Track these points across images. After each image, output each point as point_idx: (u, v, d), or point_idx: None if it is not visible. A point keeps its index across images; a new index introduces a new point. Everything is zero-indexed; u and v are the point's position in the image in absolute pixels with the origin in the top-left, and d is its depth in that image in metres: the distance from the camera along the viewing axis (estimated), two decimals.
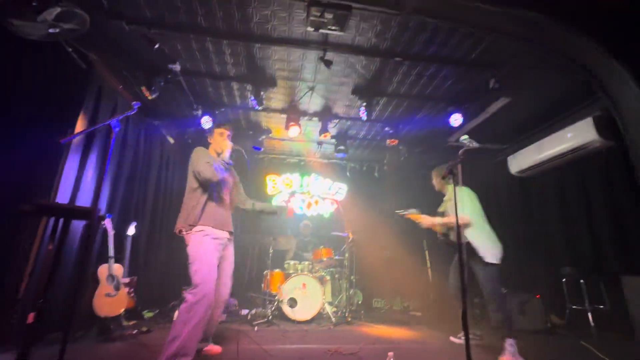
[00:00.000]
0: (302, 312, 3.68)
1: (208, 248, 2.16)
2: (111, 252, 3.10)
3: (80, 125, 2.82)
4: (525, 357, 2.40)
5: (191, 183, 2.37)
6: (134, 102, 1.82)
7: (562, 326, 3.58)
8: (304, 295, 3.77)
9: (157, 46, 2.90)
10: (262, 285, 4.32)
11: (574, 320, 3.53)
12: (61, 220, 1.84)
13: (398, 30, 2.84)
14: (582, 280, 3.47)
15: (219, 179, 2.31)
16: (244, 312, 4.17)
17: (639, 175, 2.20)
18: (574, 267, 3.64)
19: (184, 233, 2.27)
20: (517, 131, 4.66)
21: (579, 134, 3.70)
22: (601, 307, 3.33)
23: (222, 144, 2.51)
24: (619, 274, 3.22)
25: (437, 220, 2.90)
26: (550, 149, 4.06)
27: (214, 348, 2.40)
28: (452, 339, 2.97)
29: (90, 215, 1.71)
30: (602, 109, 3.56)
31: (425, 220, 2.93)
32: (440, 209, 3.04)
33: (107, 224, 3.14)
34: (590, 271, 3.52)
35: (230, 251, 2.45)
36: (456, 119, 3.84)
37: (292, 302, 3.74)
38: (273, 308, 3.79)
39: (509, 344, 2.42)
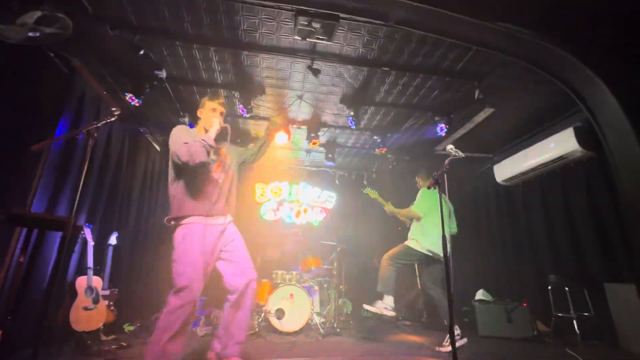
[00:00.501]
0: (289, 324, 3.60)
1: (193, 243, 1.89)
2: (90, 263, 2.98)
3: (59, 132, 2.73)
4: None
5: (171, 168, 2.08)
6: (114, 109, 1.77)
7: (549, 333, 3.60)
8: (292, 305, 3.69)
9: (142, 52, 2.86)
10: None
11: (560, 327, 3.56)
12: (35, 231, 1.77)
13: (385, 40, 2.88)
14: (566, 288, 3.51)
15: (202, 161, 1.93)
16: None
17: (619, 184, 2.26)
18: (559, 274, 3.69)
19: (172, 224, 2.05)
20: (503, 140, 4.76)
21: (560, 144, 3.80)
22: (586, 314, 3.37)
23: (211, 120, 2.12)
24: (602, 281, 3.27)
25: (397, 210, 3.51)
26: (534, 158, 4.15)
27: None
28: (438, 349, 2.94)
29: (65, 225, 1.64)
30: (583, 121, 3.68)
31: (388, 207, 3.57)
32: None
33: (87, 234, 3.03)
34: (575, 278, 3.57)
35: (231, 234, 2.11)
36: (442, 129, 3.91)
37: (280, 313, 3.65)
38: (260, 319, 3.70)
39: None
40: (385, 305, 3.14)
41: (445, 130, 3.89)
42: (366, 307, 3.25)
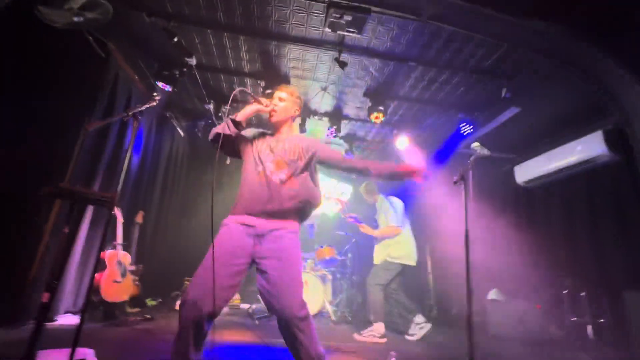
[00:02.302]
0: None
1: (219, 244, 1.55)
2: (120, 239, 3.16)
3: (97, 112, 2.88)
4: None
5: None
6: (155, 94, 1.86)
7: (561, 337, 3.58)
8: (305, 292, 3.79)
9: (176, 39, 2.95)
10: None
11: (573, 332, 3.53)
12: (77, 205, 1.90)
13: (414, 35, 2.87)
14: (583, 293, 3.47)
15: (215, 135, 1.69)
16: (244, 306, 4.21)
17: None
18: (576, 279, 3.64)
19: None
20: (526, 142, 4.67)
21: (588, 147, 3.70)
22: (601, 320, 3.33)
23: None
24: (622, 289, 3.22)
25: (373, 231, 3.72)
26: (558, 161, 4.06)
27: None
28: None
29: (110, 202, 1.76)
30: (613, 124, 3.57)
31: (364, 228, 3.76)
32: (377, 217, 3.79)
33: (117, 211, 3.20)
34: (593, 284, 3.52)
35: (274, 244, 1.56)
36: (466, 129, 3.88)
37: None
38: None
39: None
40: (375, 334, 3.14)
41: (471, 131, 3.86)
42: (356, 337, 3.14)
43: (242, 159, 1.83)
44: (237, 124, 1.72)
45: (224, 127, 1.70)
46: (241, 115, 1.77)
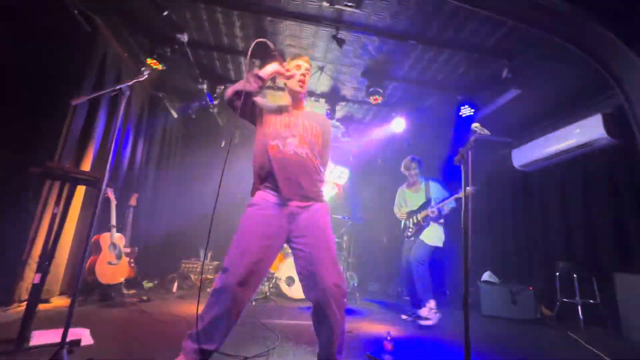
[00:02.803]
0: (299, 290, 3.75)
1: (250, 225, 1.51)
2: (113, 221, 3.11)
3: (84, 89, 2.77)
4: (514, 344, 2.48)
5: None
6: (143, 69, 1.78)
7: (552, 317, 3.67)
8: None
9: (165, 13, 2.81)
10: None
11: (563, 312, 3.62)
12: (67, 185, 1.85)
13: (415, 11, 2.76)
14: (575, 275, 3.54)
15: (235, 93, 1.56)
16: None
17: None
18: (568, 261, 3.70)
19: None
20: (524, 125, 4.63)
21: (586, 131, 3.68)
22: (591, 301, 3.40)
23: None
24: (612, 271, 3.27)
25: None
26: (556, 145, 4.05)
27: None
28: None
29: (99, 182, 1.71)
30: (612, 107, 3.54)
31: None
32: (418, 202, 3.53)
33: (110, 193, 3.14)
34: (584, 266, 3.59)
35: (311, 220, 1.53)
36: (466, 110, 3.81)
37: (290, 281, 3.80)
38: (271, 285, 3.85)
39: None
40: (434, 309, 3.09)
41: (472, 113, 3.80)
42: (422, 322, 3.04)
43: (255, 125, 1.72)
44: (260, 79, 1.58)
45: (244, 84, 1.56)
46: (263, 72, 1.62)
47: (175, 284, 3.86)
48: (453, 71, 3.60)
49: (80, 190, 3.07)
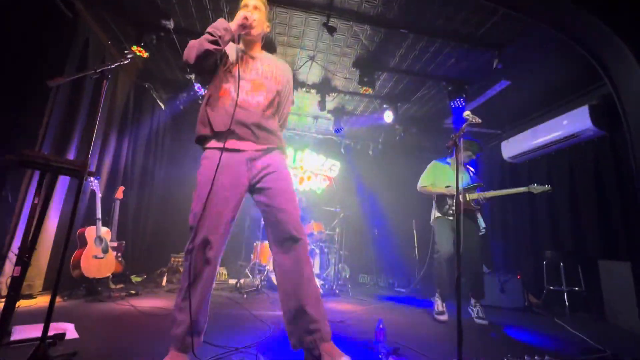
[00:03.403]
0: None
1: (207, 175, 1.43)
2: (99, 214, 3.03)
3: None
4: (503, 331, 2.53)
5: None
6: (127, 51, 1.70)
7: (539, 305, 3.75)
8: None
9: None
10: (252, 255, 4.35)
11: (550, 300, 3.70)
12: (48, 174, 1.77)
13: None
14: (561, 263, 3.61)
15: (202, 53, 1.42)
16: (232, 281, 4.20)
17: (634, 162, 2.24)
18: (555, 250, 3.78)
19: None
20: (513, 116, 4.68)
21: (573, 122, 3.74)
22: (577, 289, 3.49)
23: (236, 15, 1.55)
24: (597, 258, 3.36)
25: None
26: (544, 136, 4.10)
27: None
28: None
29: (81, 170, 1.63)
30: (598, 99, 3.59)
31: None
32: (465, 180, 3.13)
33: (95, 185, 3.05)
34: (571, 255, 3.67)
35: (268, 166, 1.50)
36: (460, 102, 3.83)
37: None
38: (262, 278, 3.83)
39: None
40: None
41: (463, 104, 3.81)
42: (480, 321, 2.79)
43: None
44: (222, 41, 1.43)
45: (204, 43, 1.42)
46: (230, 25, 1.47)
47: (165, 278, 3.80)
48: (444, 62, 3.59)
49: (65, 181, 2.97)
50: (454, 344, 1.45)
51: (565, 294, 3.49)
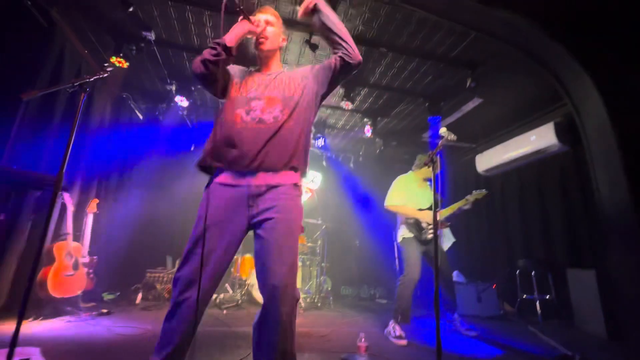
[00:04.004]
0: None
1: (204, 208, 1.25)
2: (69, 228, 2.89)
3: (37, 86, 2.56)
4: (480, 339, 2.60)
5: None
6: (106, 64, 1.68)
7: (513, 313, 3.88)
8: None
9: (131, 9, 2.69)
10: (232, 269, 4.25)
11: (524, 308, 3.84)
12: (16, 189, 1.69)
13: (385, 19, 2.85)
14: (533, 272, 3.78)
15: (204, 65, 1.30)
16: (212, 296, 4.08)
17: (594, 178, 2.41)
18: (527, 259, 3.95)
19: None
20: (487, 131, 4.92)
21: (540, 138, 3.97)
22: (548, 296, 3.65)
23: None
24: (565, 267, 3.54)
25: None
26: (515, 150, 4.33)
27: None
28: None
29: (55, 185, 1.57)
30: (563, 116, 3.86)
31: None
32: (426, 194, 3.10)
33: (66, 198, 2.92)
34: (541, 264, 3.84)
35: (271, 203, 1.24)
36: (435, 119, 4.02)
37: None
38: (243, 292, 3.75)
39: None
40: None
41: (439, 119, 3.99)
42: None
43: (223, 98, 1.43)
44: (227, 49, 1.33)
45: (212, 53, 1.31)
46: (231, 36, 1.36)
47: (139, 295, 3.64)
48: (421, 79, 3.75)
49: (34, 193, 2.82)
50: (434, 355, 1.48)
51: (537, 302, 3.64)
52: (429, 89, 3.92)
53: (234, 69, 1.49)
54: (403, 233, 3.00)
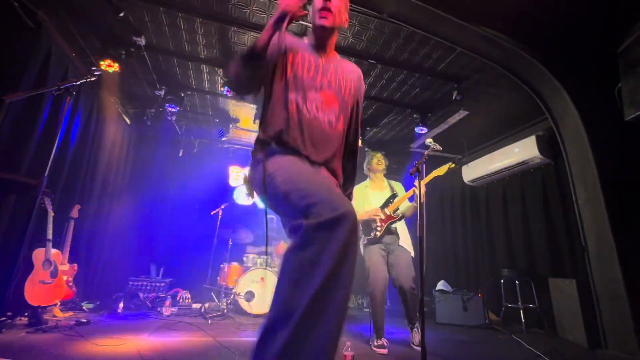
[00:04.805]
0: (259, 306, 3.62)
1: (297, 166, 1.08)
2: (49, 234, 2.80)
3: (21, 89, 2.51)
4: (465, 349, 2.60)
5: None
6: (94, 68, 1.67)
7: (498, 322, 3.93)
8: (262, 289, 3.72)
9: (122, 14, 2.68)
10: (218, 278, 4.18)
11: (508, 317, 3.90)
12: None
13: (375, 33, 2.93)
14: (517, 281, 3.85)
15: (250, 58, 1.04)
16: (196, 306, 3.99)
17: (573, 190, 2.50)
18: (511, 269, 4.03)
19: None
20: (472, 143, 5.05)
21: (523, 150, 4.11)
22: (531, 305, 3.72)
23: None
24: (548, 276, 3.62)
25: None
26: (499, 162, 4.46)
27: None
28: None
29: (33, 188, 1.53)
30: (544, 130, 4.01)
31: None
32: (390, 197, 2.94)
33: (47, 203, 2.83)
34: (525, 273, 3.92)
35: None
36: (422, 129, 4.10)
37: (250, 296, 3.66)
38: (229, 301, 3.68)
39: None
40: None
41: (426, 130, 4.08)
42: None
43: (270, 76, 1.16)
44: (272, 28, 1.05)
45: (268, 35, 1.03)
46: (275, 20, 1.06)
47: (121, 304, 3.52)
48: (409, 91, 3.84)
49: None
50: None
51: (521, 311, 3.70)
52: (416, 100, 4.02)
53: (282, 40, 1.15)
54: (362, 239, 2.89)
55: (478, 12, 2.30)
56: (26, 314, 2.60)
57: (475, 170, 4.88)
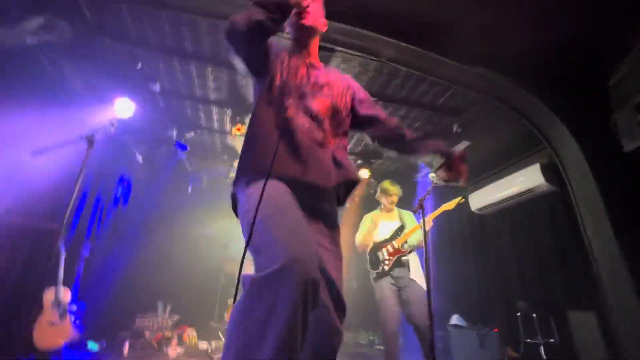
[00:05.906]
0: None
1: (282, 195, 0.99)
2: (61, 274, 2.84)
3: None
4: None
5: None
6: (111, 119, 1.80)
7: (517, 359, 3.72)
8: None
9: (139, 66, 2.90)
10: (225, 315, 4.11)
11: (528, 353, 3.70)
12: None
13: (374, 73, 3.10)
14: (534, 315, 3.69)
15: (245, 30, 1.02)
16: (202, 345, 3.89)
17: (579, 219, 2.49)
18: (527, 301, 3.87)
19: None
20: (477, 172, 5.07)
21: (528, 178, 4.11)
22: (552, 340, 3.53)
23: None
24: (565, 308, 3.47)
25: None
26: (505, 190, 4.45)
27: None
28: None
29: (54, 235, 1.60)
30: (548, 157, 4.03)
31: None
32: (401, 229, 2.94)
33: (60, 244, 2.89)
34: (541, 305, 3.76)
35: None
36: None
37: None
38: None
39: None
40: None
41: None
42: None
43: (262, 78, 1.12)
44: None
45: (253, 14, 0.98)
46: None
47: (127, 345, 3.46)
48: (411, 125, 3.96)
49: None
50: None
51: (541, 347, 3.51)
52: (418, 133, 4.11)
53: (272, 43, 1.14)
54: (371, 272, 2.85)
55: (472, 54, 2.44)
56: (32, 357, 2.57)
57: (482, 198, 4.86)
